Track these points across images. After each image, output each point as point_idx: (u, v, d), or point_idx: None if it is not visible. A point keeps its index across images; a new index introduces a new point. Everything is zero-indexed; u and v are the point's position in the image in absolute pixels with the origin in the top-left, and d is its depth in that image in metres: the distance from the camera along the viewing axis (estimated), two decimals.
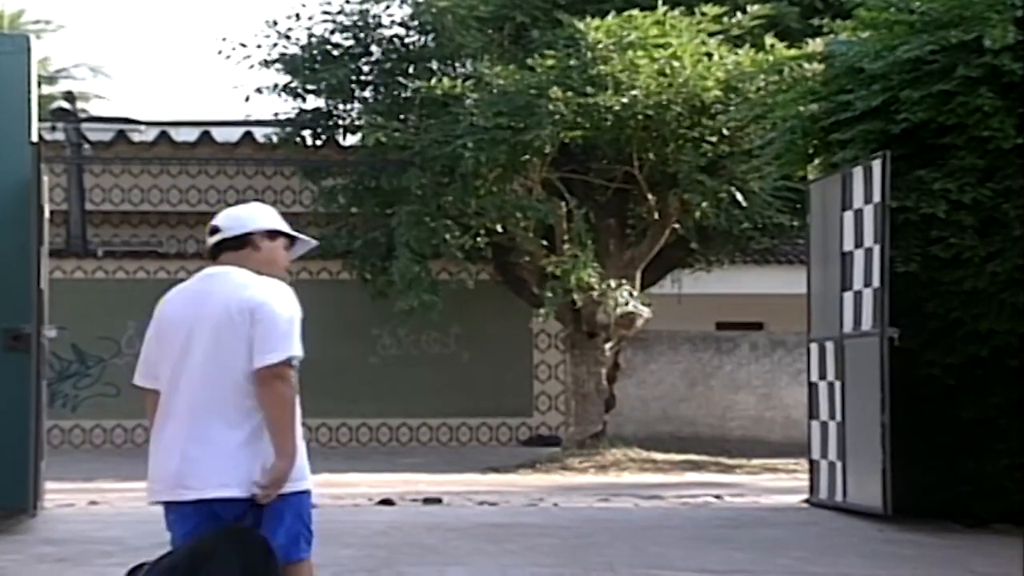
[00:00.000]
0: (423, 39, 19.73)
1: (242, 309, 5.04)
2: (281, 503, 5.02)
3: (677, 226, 18.46)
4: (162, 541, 5.13)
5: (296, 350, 5.04)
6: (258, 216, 5.32)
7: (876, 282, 11.08)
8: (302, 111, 20.37)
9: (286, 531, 5.07)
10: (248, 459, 4.98)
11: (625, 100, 16.22)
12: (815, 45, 13.75)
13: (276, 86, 19.72)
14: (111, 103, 42.72)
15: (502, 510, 12.26)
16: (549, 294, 17.42)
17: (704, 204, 17.69)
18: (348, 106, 20.15)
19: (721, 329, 24.63)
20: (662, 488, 14.58)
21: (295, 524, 5.10)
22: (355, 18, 19.65)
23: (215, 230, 5.29)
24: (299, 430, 5.12)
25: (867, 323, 11.29)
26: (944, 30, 11.36)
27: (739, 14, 16.96)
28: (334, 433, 21.82)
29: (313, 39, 19.68)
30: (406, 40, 19.81)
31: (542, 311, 17.75)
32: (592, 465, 17.21)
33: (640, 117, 16.60)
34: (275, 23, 19.82)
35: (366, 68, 19.69)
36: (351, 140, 21.03)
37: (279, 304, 5.07)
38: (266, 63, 19.70)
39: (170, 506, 5.11)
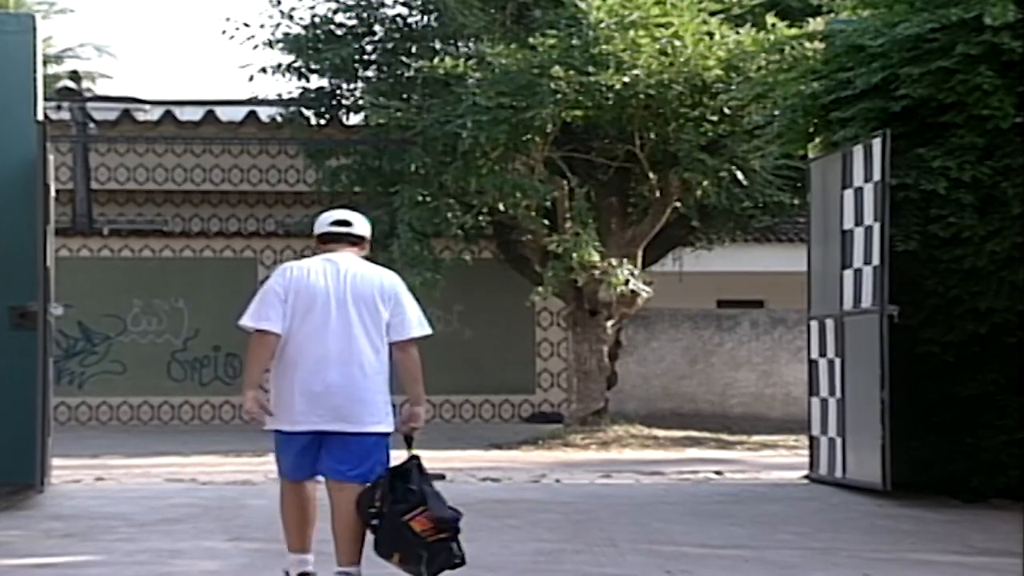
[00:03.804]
0: (425, 18, 19.77)
1: (391, 292, 6.63)
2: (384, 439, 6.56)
3: (678, 205, 18.49)
4: (168, 517, 5.22)
5: (428, 329, 6.64)
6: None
7: (876, 260, 11.14)
8: (305, 90, 20.42)
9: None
10: (386, 403, 6.54)
11: (627, 79, 16.23)
12: (816, 24, 13.76)
13: (280, 66, 19.75)
14: (116, 82, 42.95)
15: (505, 486, 12.34)
16: (550, 273, 17.48)
17: (705, 183, 17.72)
18: (351, 85, 20.19)
19: (722, 307, 24.71)
20: (663, 464, 14.66)
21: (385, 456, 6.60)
22: None
23: (347, 223, 6.73)
24: None
25: (867, 300, 11.35)
26: (944, 8, 11.38)
27: None
28: None
29: (316, 19, 19.73)
30: (408, 20, 19.85)
31: (540, 289, 17.77)
32: (594, 442, 17.29)
33: (641, 96, 16.63)
34: (279, 3, 19.90)
35: (369, 48, 19.72)
36: (354, 120, 21.06)
37: (408, 294, 6.70)
38: (270, 43, 19.75)
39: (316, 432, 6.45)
